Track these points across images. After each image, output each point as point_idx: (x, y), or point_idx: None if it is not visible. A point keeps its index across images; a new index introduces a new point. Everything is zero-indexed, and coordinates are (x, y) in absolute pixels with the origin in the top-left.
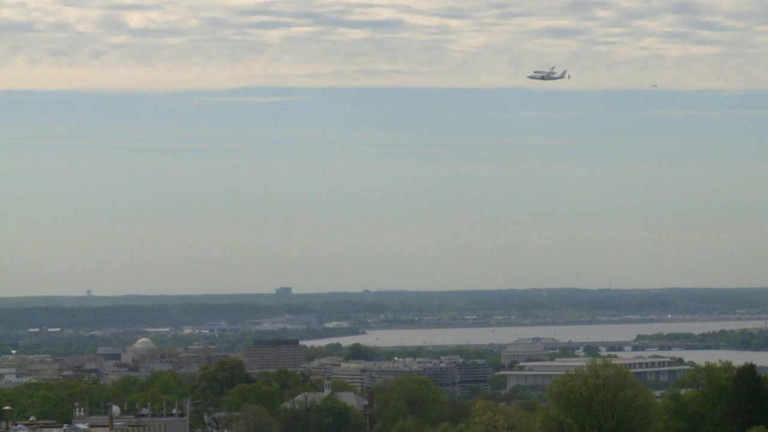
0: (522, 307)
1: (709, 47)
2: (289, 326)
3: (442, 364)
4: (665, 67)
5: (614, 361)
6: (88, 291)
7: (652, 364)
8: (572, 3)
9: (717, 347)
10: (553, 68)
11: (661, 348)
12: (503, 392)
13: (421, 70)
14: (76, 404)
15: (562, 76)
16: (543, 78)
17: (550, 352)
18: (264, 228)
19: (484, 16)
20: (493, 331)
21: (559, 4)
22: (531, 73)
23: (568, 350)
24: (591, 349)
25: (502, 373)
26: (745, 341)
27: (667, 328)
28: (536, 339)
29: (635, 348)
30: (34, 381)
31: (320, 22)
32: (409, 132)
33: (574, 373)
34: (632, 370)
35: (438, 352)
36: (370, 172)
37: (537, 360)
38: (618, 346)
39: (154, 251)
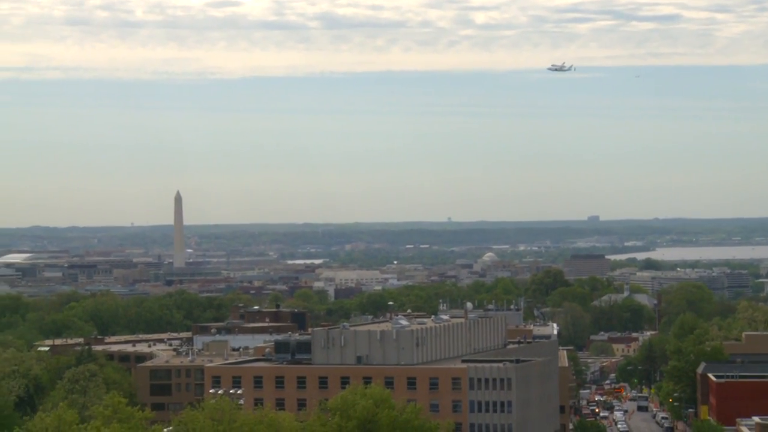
0: None
1: None
2: (597, 244)
3: (714, 274)
4: None
5: None
6: (449, 218)
7: None
8: None
9: None
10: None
11: None
12: (761, 295)
13: (695, 52)
14: (441, 301)
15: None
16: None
17: None
18: (577, 171)
19: (744, 10)
20: (753, 249)
21: None
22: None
23: None
24: None
25: (760, 280)
26: None
27: None
28: None
29: None
30: (409, 284)
31: (618, 17)
32: (684, 99)
33: None
34: None
35: (711, 264)
36: (654, 130)
37: None
38: None
39: (497, 189)
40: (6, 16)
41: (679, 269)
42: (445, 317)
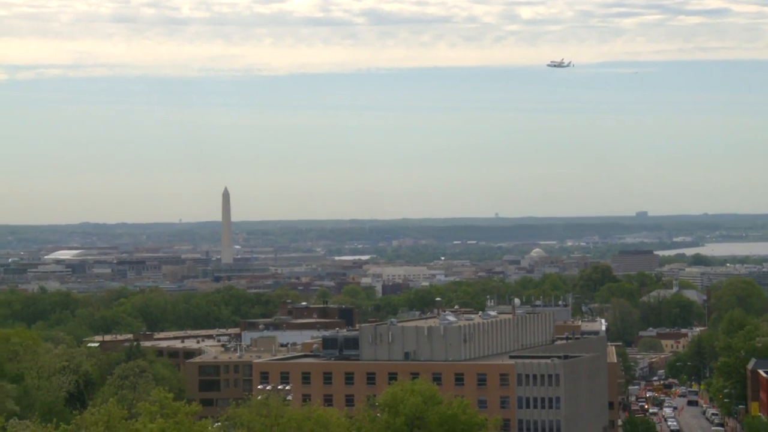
0: None
1: None
2: (645, 240)
3: (764, 269)
4: None
5: None
6: (496, 214)
7: None
8: None
9: None
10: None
11: None
12: None
13: (743, 46)
14: (488, 297)
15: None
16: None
17: None
18: (625, 166)
19: None
20: None
21: None
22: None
23: None
24: None
25: None
26: None
27: None
28: None
29: None
30: (457, 279)
31: (665, 11)
32: (732, 94)
33: None
34: None
35: (761, 259)
36: (702, 126)
37: None
38: None
39: (545, 184)
40: (54, 14)
41: (728, 265)
42: (492, 313)
